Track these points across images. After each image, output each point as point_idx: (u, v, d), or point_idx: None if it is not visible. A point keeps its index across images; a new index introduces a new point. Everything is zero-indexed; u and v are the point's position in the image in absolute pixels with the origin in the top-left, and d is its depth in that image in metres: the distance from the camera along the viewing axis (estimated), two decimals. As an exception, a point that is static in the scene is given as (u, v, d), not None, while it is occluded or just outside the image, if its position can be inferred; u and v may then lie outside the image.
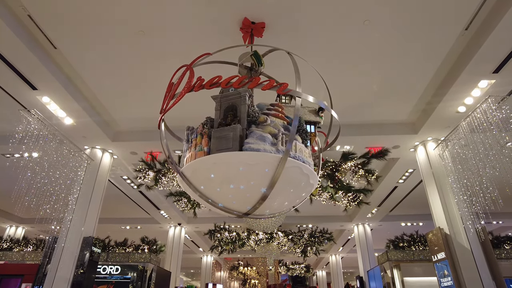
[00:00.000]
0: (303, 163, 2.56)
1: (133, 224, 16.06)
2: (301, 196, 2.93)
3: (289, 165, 2.45)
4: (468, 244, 7.01)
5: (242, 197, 2.76)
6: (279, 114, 2.93)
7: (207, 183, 2.79)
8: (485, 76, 6.14)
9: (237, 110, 2.82)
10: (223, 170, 2.59)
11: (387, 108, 7.65)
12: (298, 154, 2.57)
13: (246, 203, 2.80)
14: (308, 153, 2.69)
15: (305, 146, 2.77)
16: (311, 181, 2.71)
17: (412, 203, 13.14)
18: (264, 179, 2.49)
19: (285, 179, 2.52)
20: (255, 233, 14.67)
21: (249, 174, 2.53)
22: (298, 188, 2.75)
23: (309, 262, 23.79)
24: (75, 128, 7.90)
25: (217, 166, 2.60)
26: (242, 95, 2.84)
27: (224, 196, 2.84)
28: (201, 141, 2.71)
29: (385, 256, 11.25)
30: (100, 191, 8.54)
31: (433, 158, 8.12)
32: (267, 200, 2.68)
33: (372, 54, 6.04)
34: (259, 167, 2.47)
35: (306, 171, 2.59)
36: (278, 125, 2.74)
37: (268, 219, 7.13)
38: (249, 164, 2.48)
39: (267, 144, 2.49)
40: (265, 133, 2.56)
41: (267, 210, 3.18)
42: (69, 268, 7.24)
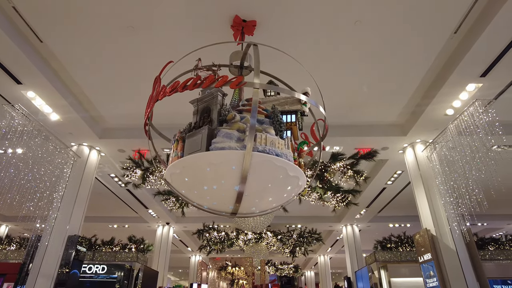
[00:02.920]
0: (275, 156, 2.49)
1: (121, 223, 15.84)
2: (286, 190, 2.87)
3: (257, 160, 2.41)
4: (454, 245, 7.10)
5: (219, 197, 2.75)
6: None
7: (185, 187, 2.81)
8: (472, 79, 6.21)
9: (211, 111, 2.83)
10: (193, 173, 2.59)
11: (376, 110, 7.69)
12: (269, 147, 2.50)
13: (226, 202, 2.78)
14: (283, 144, 2.62)
15: (280, 137, 2.69)
16: (290, 173, 2.62)
17: (400, 205, 13.27)
18: (234, 177, 2.46)
19: (256, 174, 2.48)
20: (244, 233, 14.63)
21: (217, 173, 2.52)
22: (277, 183, 2.69)
23: (297, 262, 23.82)
24: (61, 124, 7.73)
25: (187, 169, 2.61)
26: (215, 96, 2.85)
27: (203, 198, 2.86)
28: (177, 146, 2.75)
29: (373, 257, 11.34)
30: (87, 189, 8.38)
31: (421, 160, 8.21)
32: (245, 198, 2.65)
33: (362, 55, 6.06)
34: (225, 166, 2.45)
35: (280, 163, 2.52)
36: (249, 120, 2.69)
37: (256, 219, 7.09)
38: (214, 163, 2.45)
39: (233, 141, 2.47)
40: (231, 130, 2.54)
41: (252, 208, 3.13)
42: (53, 267, 7.07)
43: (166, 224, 15.69)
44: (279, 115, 2.84)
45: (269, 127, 2.81)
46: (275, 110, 2.87)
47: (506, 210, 14.43)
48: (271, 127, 2.82)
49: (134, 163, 7.26)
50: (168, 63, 3.12)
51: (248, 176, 2.48)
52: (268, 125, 2.86)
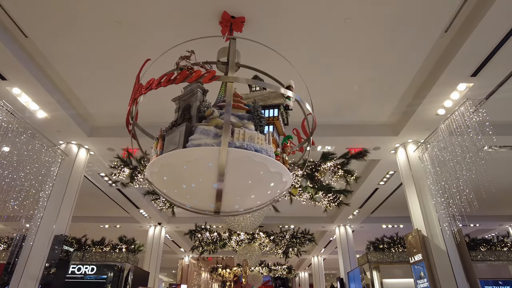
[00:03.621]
0: (254, 152, 2.42)
1: (112, 223, 15.67)
2: (269, 187, 2.79)
3: (234, 156, 2.35)
4: (445, 246, 7.07)
5: (199, 195, 2.68)
6: (235, 104, 2.83)
7: (165, 186, 2.76)
8: (463, 79, 6.19)
9: (191, 108, 2.79)
10: (171, 171, 2.54)
11: (368, 109, 7.65)
12: (248, 142, 2.43)
13: (207, 201, 2.70)
14: (263, 139, 2.54)
15: (260, 132, 2.62)
16: (272, 169, 2.54)
17: (393, 205, 13.26)
18: (211, 174, 2.39)
19: (234, 171, 2.43)
20: (236, 234, 14.51)
21: (194, 171, 2.46)
22: (258, 179, 2.62)
23: (291, 263, 23.76)
24: (49, 122, 7.59)
25: (165, 168, 2.54)
26: (195, 92, 2.81)
27: (183, 196, 2.81)
28: (157, 145, 2.71)
29: (365, 258, 11.31)
30: (75, 188, 8.24)
31: (413, 160, 8.18)
32: (225, 196, 2.58)
33: (353, 54, 6.01)
34: (201, 163, 2.39)
35: (260, 159, 2.44)
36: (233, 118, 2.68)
37: (246, 219, 7.00)
38: (190, 161, 2.38)
39: (210, 138, 2.41)
40: (208, 126, 2.48)
41: (235, 206, 3.05)
42: (38, 268, 6.92)
43: (158, 224, 15.53)
44: (260, 110, 2.77)
45: (248, 123, 2.75)
46: (255, 105, 2.80)
47: (498, 211, 14.50)
48: (251, 122, 2.76)
49: (122, 161, 7.14)
50: (147, 61, 3.06)
51: (225, 173, 2.42)
52: (248, 121, 2.79)
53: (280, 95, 3.12)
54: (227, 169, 2.41)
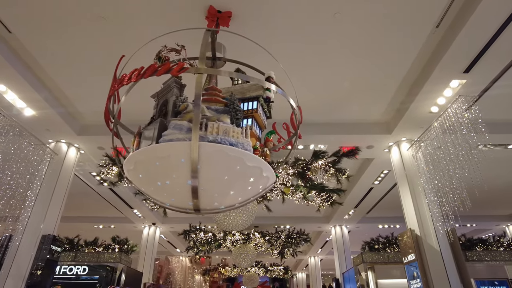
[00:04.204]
0: (228, 146, 2.33)
1: (106, 223, 15.54)
2: (248, 182, 2.68)
3: (206, 150, 2.25)
4: (438, 245, 6.96)
5: (175, 193, 2.60)
6: (212, 98, 2.77)
7: (142, 184, 2.71)
8: (456, 75, 6.09)
9: (167, 103, 2.74)
10: (145, 168, 2.47)
11: (360, 107, 7.55)
12: (222, 136, 2.35)
13: (184, 198, 2.60)
14: (239, 133, 2.44)
15: (236, 126, 2.54)
16: (249, 164, 2.44)
17: (389, 205, 13.15)
18: (184, 170, 2.30)
19: (208, 166, 2.33)
20: (231, 234, 14.40)
21: (166, 167, 2.37)
22: (235, 174, 2.51)
23: (288, 264, 23.64)
24: (37, 120, 7.47)
25: (139, 165, 2.47)
26: (171, 87, 2.75)
27: (160, 194, 2.73)
28: (134, 142, 2.66)
29: (360, 258, 11.20)
30: (64, 187, 8.12)
31: (406, 159, 8.08)
32: (202, 193, 2.49)
33: (343, 50, 5.91)
34: (173, 159, 2.30)
35: (235, 153, 2.35)
36: (204, 110, 2.60)
37: (237, 219, 6.88)
38: (161, 157, 2.31)
39: (182, 133, 2.33)
40: (181, 121, 2.40)
41: (215, 203, 2.94)
42: (24, 268, 6.80)
43: (153, 224, 15.41)
44: (236, 102, 2.67)
45: (224, 116, 2.67)
46: (232, 97, 2.70)
47: (495, 211, 14.41)
48: (227, 115, 2.67)
49: (110, 160, 7.03)
50: (122, 57, 3.00)
51: (199, 168, 2.32)
52: (225, 114, 2.70)
53: (260, 87, 3.02)
54: (200, 165, 2.32)
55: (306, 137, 8.06)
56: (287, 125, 3.63)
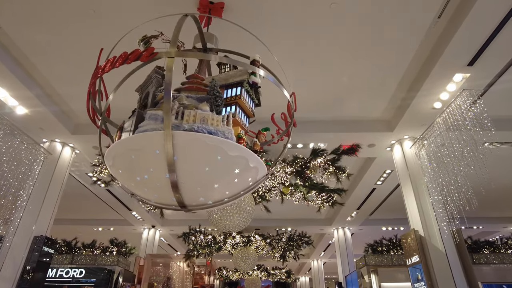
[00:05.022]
0: (206, 134, 2.16)
1: (105, 226, 15.36)
2: (233, 174, 2.47)
3: (181, 140, 2.09)
4: (443, 246, 6.68)
5: (155, 188, 2.44)
6: (193, 86, 2.62)
7: (123, 180, 2.58)
8: (459, 69, 5.85)
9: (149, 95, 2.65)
10: (122, 163, 2.34)
11: (360, 104, 7.32)
12: (199, 124, 2.18)
13: (166, 194, 2.44)
14: (219, 120, 2.26)
15: (216, 113, 2.36)
16: (231, 153, 2.26)
17: (392, 207, 12.84)
18: (160, 163, 2.14)
19: (185, 157, 2.17)
20: (231, 236, 14.14)
21: (142, 160, 2.23)
22: (216, 165, 2.31)
23: (291, 267, 23.29)
24: (30, 119, 7.33)
25: (117, 160, 2.35)
26: (152, 78, 2.66)
27: (142, 190, 2.58)
28: (116, 137, 2.56)
29: (363, 261, 10.91)
30: (58, 187, 7.95)
31: (409, 157, 7.81)
32: (183, 186, 2.33)
33: (341, 43, 5.69)
34: (147, 151, 2.16)
35: (214, 142, 2.17)
36: (182, 99, 2.47)
37: (233, 220, 6.64)
38: (135, 149, 2.18)
39: (158, 123, 2.18)
40: (157, 111, 2.26)
41: (200, 198, 2.74)
42: (15, 270, 6.62)
43: (152, 227, 15.20)
44: (216, 88, 2.48)
45: (204, 104, 2.48)
46: (212, 83, 2.51)
47: (502, 213, 14.03)
48: (207, 103, 2.49)
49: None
50: (101, 50, 2.93)
51: (175, 160, 2.17)
52: (204, 102, 2.53)
53: (245, 72, 2.82)
54: (177, 156, 2.16)
55: (305, 135, 7.85)
56: (285, 115, 3.43)
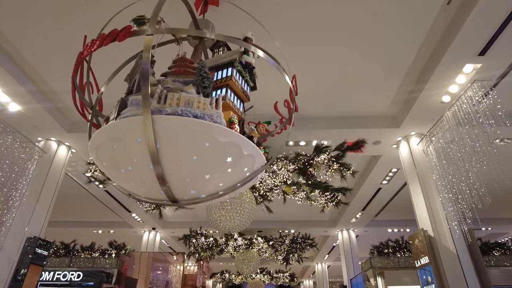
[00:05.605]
0: (190, 118, 1.95)
1: (105, 228, 15.11)
2: (225, 163, 2.21)
3: (162, 125, 1.89)
4: (454, 247, 6.34)
5: (141, 180, 2.24)
6: (180, 69, 2.44)
7: (109, 174, 2.40)
8: (470, 59, 5.54)
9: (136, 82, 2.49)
10: (105, 154, 2.17)
11: (365, 99, 7.02)
12: (183, 107, 1.98)
13: (153, 187, 2.23)
14: (206, 103, 2.06)
15: (204, 95, 2.15)
16: (221, 139, 2.03)
17: (398, 207, 12.48)
18: (143, 152, 1.94)
19: (169, 145, 1.97)
20: (233, 239, 13.84)
21: (124, 150, 2.05)
22: (205, 153, 2.07)
23: (295, 270, 22.91)
24: (24, 116, 7.11)
25: (100, 152, 2.18)
26: (138, 64, 2.51)
27: (128, 184, 2.42)
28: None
29: (368, 263, 10.56)
30: (53, 187, 7.71)
31: (416, 154, 7.49)
32: (170, 178, 2.13)
33: (344, 34, 5.42)
34: (128, 139, 1.98)
35: (201, 126, 1.95)
36: (167, 82, 2.32)
37: (234, 220, 6.35)
38: (116, 138, 2.01)
39: (140, 108, 2.01)
40: (139, 96, 2.11)
41: (192, 191, 2.47)
42: (6, 272, 6.36)
43: (153, 229, 14.93)
44: (204, 69, 2.23)
45: (190, 86, 2.26)
46: (200, 64, 2.27)
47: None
48: (193, 86, 2.27)
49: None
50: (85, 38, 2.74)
51: (158, 148, 1.95)
52: (191, 84, 2.31)
53: (237, 52, 2.56)
54: (160, 144, 1.95)
55: (307, 132, 7.57)
56: (288, 102, 3.19)
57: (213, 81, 2.47)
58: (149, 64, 1.97)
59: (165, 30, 2.21)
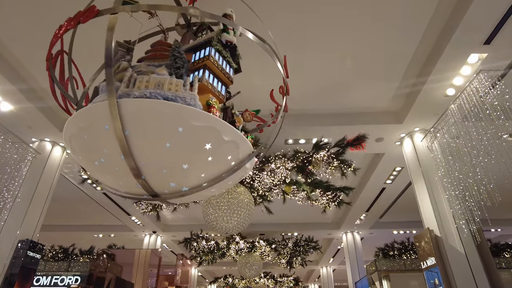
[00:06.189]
0: (161, 101, 1.80)
1: (106, 232, 14.92)
2: (204, 150, 1.99)
3: (128, 109, 1.75)
4: (462, 247, 6.02)
5: (116, 173, 2.11)
6: (157, 53, 2.31)
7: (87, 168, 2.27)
8: (475, 48, 5.28)
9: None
10: (78, 146, 2.05)
11: (366, 94, 6.76)
12: (152, 89, 1.84)
13: (129, 180, 2.07)
14: (179, 85, 1.90)
15: (177, 77, 1.99)
16: (196, 123, 1.83)
17: (404, 208, 12.12)
18: (111, 141, 1.80)
19: (138, 131, 1.81)
20: (235, 242, 13.57)
21: (94, 140, 1.92)
22: (179, 139, 1.88)
23: (299, 275, 22.50)
24: (16, 116, 6.95)
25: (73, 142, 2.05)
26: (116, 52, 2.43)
27: (105, 177, 2.29)
28: None
29: (373, 266, 10.22)
30: (46, 189, 7.53)
31: (420, 150, 7.20)
32: (145, 170, 1.96)
33: (342, 25, 5.19)
34: (96, 127, 1.84)
35: (169, 109, 1.79)
36: (140, 66, 2.18)
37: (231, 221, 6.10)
38: (85, 127, 1.89)
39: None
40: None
41: (171, 184, 2.25)
42: (-4, 277, 6.18)
43: (153, 233, 14.71)
44: (177, 49, 2.07)
45: (162, 68, 2.11)
46: (174, 45, 2.12)
47: (522, 214, 13.15)
48: (166, 67, 2.12)
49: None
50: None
51: (127, 135, 1.79)
52: (163, 66, 2.16)
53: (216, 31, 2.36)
54: (128, 130, 1.80)
55: (307, 129, 7.32)
56: (282, 88, 2.98)
57: (188, 62, 2.29)
58: (111, 44, 1.81)
59: (133, 7, 2.00)
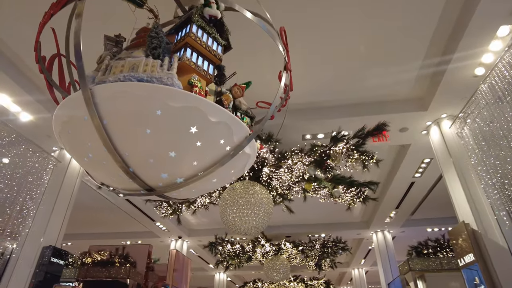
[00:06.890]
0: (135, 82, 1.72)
1: (133, 239, 15.15)
2: (188, 135, 1.81)
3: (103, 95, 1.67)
4: (505, 241, 5.42)
5: (105, 168, 1.99)
6: (140, 40, 2.21)
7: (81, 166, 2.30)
8: (504, 19, 4.77)
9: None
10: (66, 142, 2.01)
11: (385, 80, 6.33)
12: (126, 73, 1.76)
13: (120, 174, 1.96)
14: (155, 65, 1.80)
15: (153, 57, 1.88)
16: (175, 104, 1.68)
17: (437, 203, 11.36)
18: (91, 133, 1.72)
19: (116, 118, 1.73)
20: (260, 245, 13.31)
21: (77, 134, 1.87)
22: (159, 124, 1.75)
23: (331, 277, 21.79)
24: (36, 126, 7.13)
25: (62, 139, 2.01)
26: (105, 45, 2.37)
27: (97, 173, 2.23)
28: None
29: (407, 266, 9.58)
30: (68, 196, 7.65)
31: (450, 139, 6.65)
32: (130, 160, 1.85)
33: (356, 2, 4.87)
34: (76, 120, 1.78)
35: (144, 91, 1.67)
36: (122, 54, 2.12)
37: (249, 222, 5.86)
38: (67, 122, 1.84)
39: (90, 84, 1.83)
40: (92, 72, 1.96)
41: (162, 175, 2.08)
42: (23, 282, 6.29)
43: (179, 238, 14.74)
44: (153, 30, 1.94)
45: (138, 51, 2.03)
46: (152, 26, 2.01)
47: None
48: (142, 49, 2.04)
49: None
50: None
51: (106, 124, 1.72)
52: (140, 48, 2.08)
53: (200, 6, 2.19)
54: (106, 118, 1.72)
55: (325, 123, 6.97)
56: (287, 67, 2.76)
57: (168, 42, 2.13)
58: (79, 31, 1.74)
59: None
